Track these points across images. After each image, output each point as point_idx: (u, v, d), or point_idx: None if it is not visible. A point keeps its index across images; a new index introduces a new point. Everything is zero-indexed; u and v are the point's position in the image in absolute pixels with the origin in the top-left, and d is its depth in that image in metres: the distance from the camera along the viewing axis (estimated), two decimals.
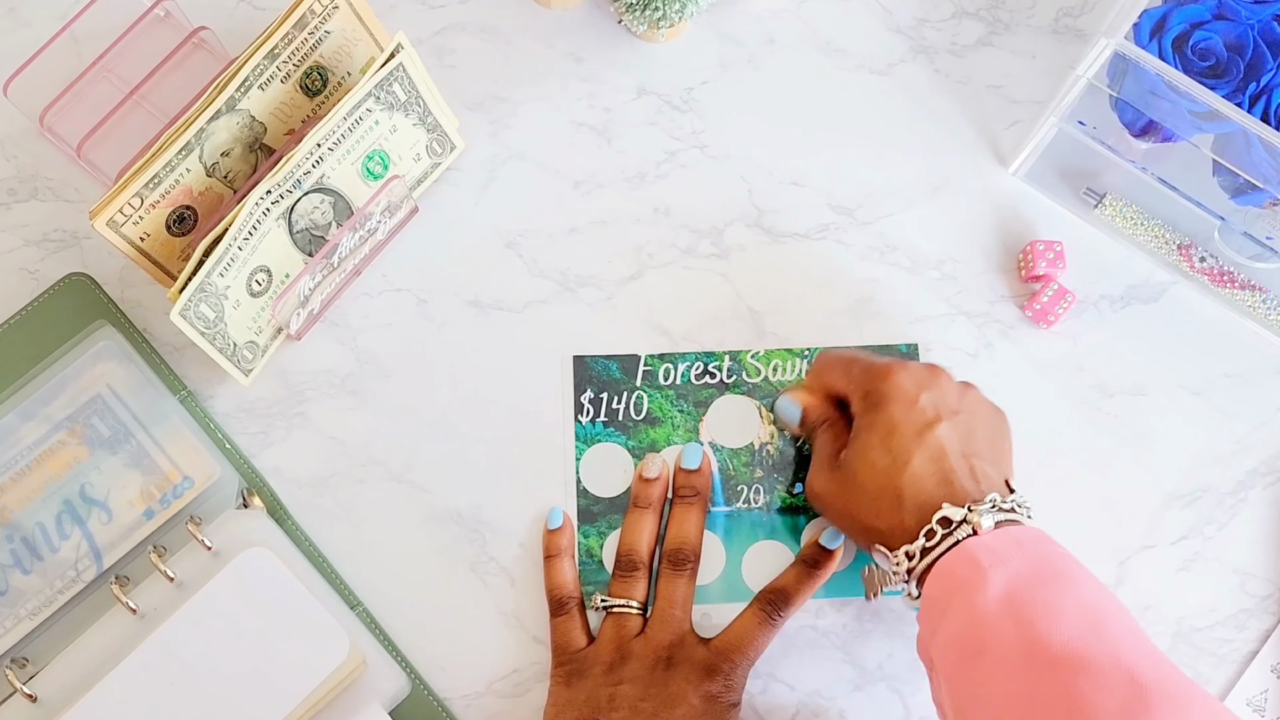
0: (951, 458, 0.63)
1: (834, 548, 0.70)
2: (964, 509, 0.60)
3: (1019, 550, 0.58)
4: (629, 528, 0.72)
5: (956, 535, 0.60)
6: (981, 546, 0.59)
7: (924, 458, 0.63)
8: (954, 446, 0.63)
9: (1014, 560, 0.58)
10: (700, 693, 0.66)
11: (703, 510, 0.72)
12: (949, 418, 0.64)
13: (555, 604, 0.70)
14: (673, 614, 0.69)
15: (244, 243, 0.68)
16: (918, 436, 0.63)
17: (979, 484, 0.62)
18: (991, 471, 0.64)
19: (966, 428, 0.65)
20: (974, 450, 0.64)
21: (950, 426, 0.64)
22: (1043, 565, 0.58)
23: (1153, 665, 0.54)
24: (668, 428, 0.74)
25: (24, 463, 0.70)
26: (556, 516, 0.72)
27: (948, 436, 0.64)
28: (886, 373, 0.66)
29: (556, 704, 0.68)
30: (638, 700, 0.65)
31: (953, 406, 0.65)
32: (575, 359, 0.75)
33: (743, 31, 0.82)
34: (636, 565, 0.70)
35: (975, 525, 0.60)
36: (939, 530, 0.60)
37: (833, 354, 0.71)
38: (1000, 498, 0.61)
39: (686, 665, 0.67)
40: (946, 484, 0.62)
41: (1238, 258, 0.76)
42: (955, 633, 0.58)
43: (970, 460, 0.63)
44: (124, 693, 0.65)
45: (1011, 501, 0.62)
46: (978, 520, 0.60)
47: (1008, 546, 0.59)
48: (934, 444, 0.63)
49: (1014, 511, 0.61)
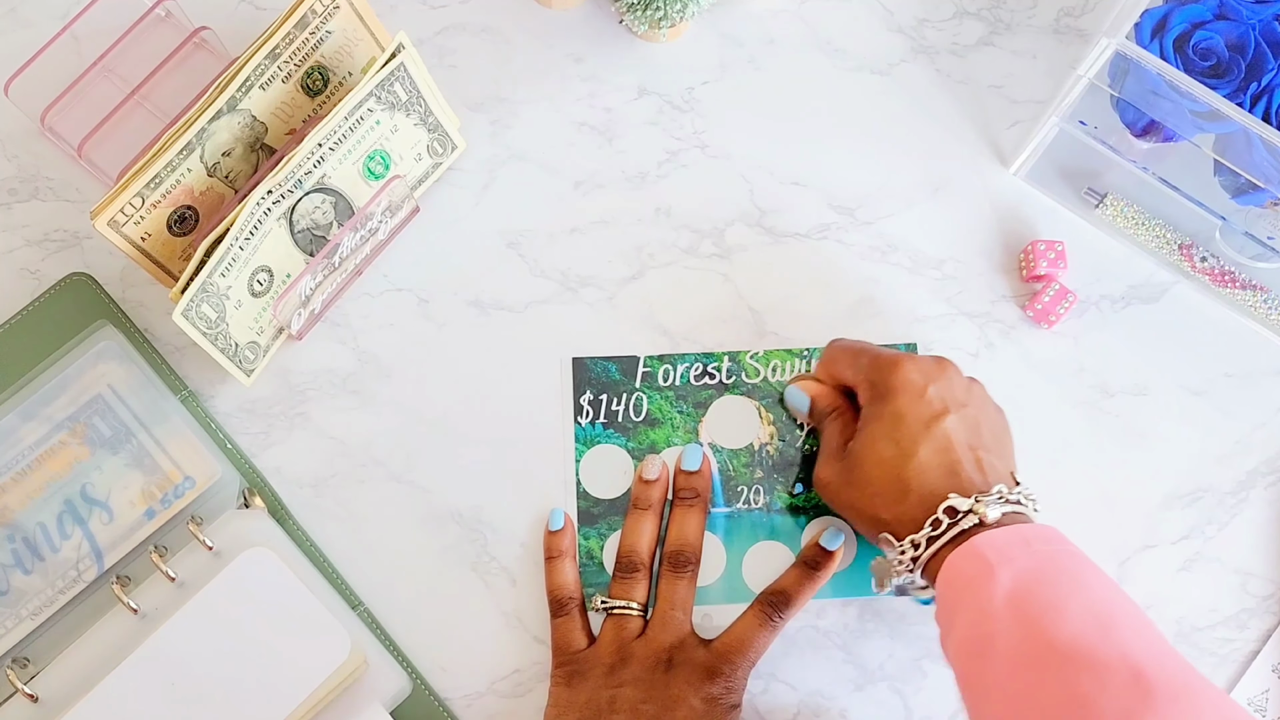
0: (958, 449, 0.63)
1: (834, 549, 0.70)
2: (970, 499, 0.61)
3: (1026, 548, 0.58)
4: (629, 529, 0.72)
5: (962, 525, 0.60)
6: (989, 544, 0.59)
7: (930, 449, 0.63)
8: (960, 438, 0.64)
9: (1021, 558, 0.58)
10: (701, 695, 0.66)
11: (703, 512, 0.72)
12: (956, 410, 0.64)
13: (556, 605, 0.70)
14: (674, 615, 0.69)
15: (245, 243, 0.68)
16: (925, 428, 0.63)
17: (985, 475, 0.63)
18: (998, 464, 0.64)
19: (973, 421, 0.65)
20: (980, 443, 0.64)
21: (957, 419, 0.64)
22: (1049, 562, 0.58)
23: (1160, 662, 0.54)
24: (667, 429, 0.74)
25: (25, 463, 0.70)
26: (558, 518, 0.72)
27: (954, 428, 0.64)
28: (895, 364, 0.66)
29: (557, 705, 0.68)
30: (639, 703, 0.65)
31: (960, 399, 0.65)
32: (574, 360, 0.75)
33: (743, 31, 0.82)
34: (637, 567, 0.70)
35: (981, 515, 0.60)
36: (945, 520, 0.61)
37: (842, 343, 0.71)
38: (1006, 489, 0.62)
39: (687, 667, 0.67)
40: (953, 475, 0.62)
41: (1239, 258, 0.76)
42: (965, 632, 0.58)
43: (977, 452, 0.64)
44: (125, 693, 0.65)
45: (1018, 493, 0.62)
46: (984, 511, 0.60)
47: (1015, 544, 0.59)
48: (941, 435, 0.63)
49: (1020, 503, 0.61)
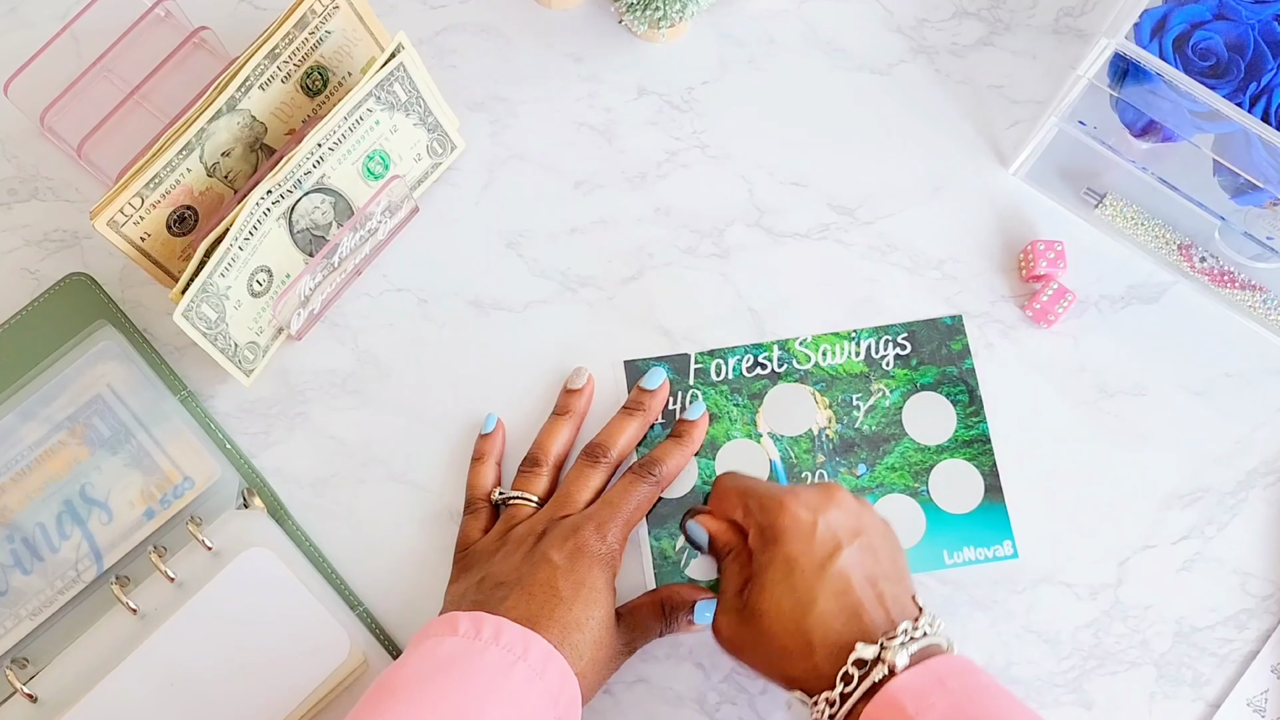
0: (857, 589, 0.60)
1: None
2: (877, 646, 0.57)
3: (943, 689, 0.56)
4: (544, 431, 0.73)
5: (873, 677, 0.57)
6: (904, 690, 0.56)
7: (828, 594, 0.60)
8: (858, 575, 0.60)
9: (940, 703, 0.55)
10: (564, 550, 0.65)
11: (642, 426, 0.73)
12: (849, 542, 0.61)
13: (467, 503, 0.72)
14: (570, 497, 0.69)
15: (245, 243, 0.68)
16: (820, 571, 0.60)
17: (888, 612, 0.59)
18: (900, 593, 0.61)
19: (869, 548, 0.62)
20: (880, 573, 0.61)
21: (852, 553, 0.61)
22: (969, 701, 0.56)
23: None
24: (725, 423, 0.74)
25: (24, 463, 0.70)
26: (490, 422, 0.73)
27: (851, 565, 0.60)
28: (780, 505, 0.62)
29: (446, 599, 0.68)
30: (506, 574, 0.65)
31: (852, 528, 0.62)
32: (626, 363, 0.75)
33: (743, 31, 0.82)
34: (540, 463, 0.71)
35: (890, 665, 0.57)
36: (855, 673, 0.57)
37: (728, 483, 0.67)
38: (911, 625, 0.58)
39: (554, 532, 0.66)
40: (855, 619, 0.59)
41: (1238, 258, 0.76)
42: None
43: (877, 586, 0.60)
44: (124, 693, 0.65)
45: (923, 625, 0.59)
46: (892, 659, 0.57)
47: (931, 687, 0.56)
48: (838, 577, 0.60)
49: (926, 636, 0.58)
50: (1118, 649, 0.71)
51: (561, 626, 0.62)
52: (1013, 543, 0.72)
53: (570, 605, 0.63)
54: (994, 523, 0.72)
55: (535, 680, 0.59)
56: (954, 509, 0.72)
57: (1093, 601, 0.71)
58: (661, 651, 0.71)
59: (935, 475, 0.73)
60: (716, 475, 0.68)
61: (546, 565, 0.64)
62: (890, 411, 0.74)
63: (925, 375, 0.75)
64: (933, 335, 0.75)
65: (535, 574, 0.64)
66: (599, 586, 0.64)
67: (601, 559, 0.65)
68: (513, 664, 0.59)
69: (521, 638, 0.60)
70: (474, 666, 0.58)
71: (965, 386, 0.74)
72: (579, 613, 0.63)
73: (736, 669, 0.70)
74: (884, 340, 0.75)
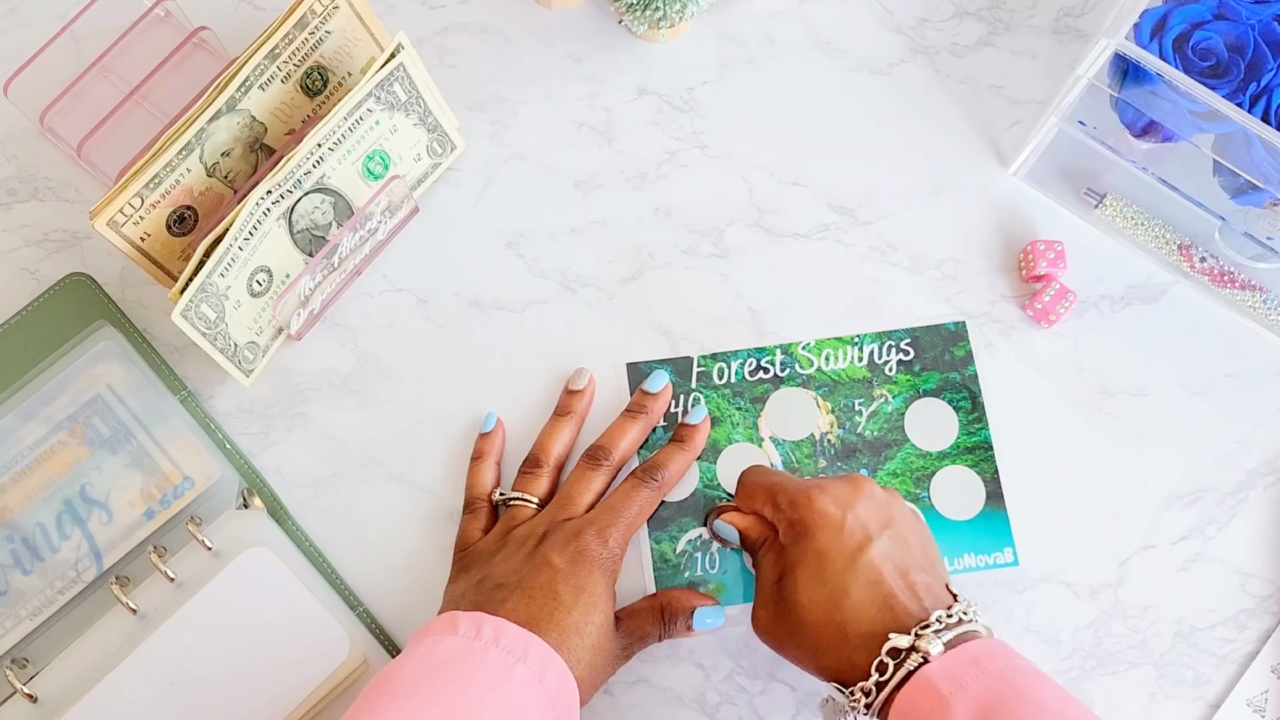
0: (889, 580, 0.60)
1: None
2: (911, 635, 0.58)
3: (978, 670, 0.56)
4: (545, 432, 0.73)
5: (908, 665, 0.57)
6: (940, 673, 0.56)
7: (860, 585, 0.60)
8: (889, 567, 0.61)
9: (974, 683, 0.56)
10: (566, 554, 0.65)
11: (644, 429, 0.73)
12: (880, 534, 0.61)
13: (467, 503, 0.72)
14: (572, 499, 0.69)
15: (244, 243, 0.68)
16: (850, 563, 0.60)
17: (921, 601, 0.60)
18: (932, 582, 0.61)
19: (900, 539, 0.62)
20: (911, 563, 0.61)
21: (883, 544, 0.61)
22: (1003, 683, 0.56)
23: None
24: (727, 426, 0.74)
25: (24, 463, 0.70)
26: (490, 421, 0.73)
27: (881, 556, 0.61)
28: (808, 498, 0.63)
29: (445, 599, 0.68)
30: (506, 576, 0.65)
31: (882, 520, 0.62)
32: (628, 366, 0.75)
33: (743, 31, 0.82)
34: (541, 464, 0.71)
35: (925, 653, 0.57)
36: (889, 662, 0.58)
37: (754, 479, 0.68)
38: (945, 613, 0.59)
39: (556, 535, 0.66)
40: (888, 610, 0.59)
41: (1238, 258, 0.76)
42: None
43: (909, 576, 0.61)
44: (124, 693, 0.65)
45: (957, 612, 0.59)
46: (926, 647, 0.57)
47: (966, 668, 0.56)
48: (869, 568, 0.60)
49: (961, 623, 0.59)
50: (1118, 649, 0.71)
51: (561, 630, 0.62)
52: (1013, 550, 0.72)
53: (570, 609, 0.63)
54: (995, 530, 0.72)
55: (534, 683, 0.59)
56: (955, 516, 0.72)
57: (1093, 602, 0.71)
58: (661, 652, 0.71)
59: (937, 482, 0.73)
60: (741, 472, 0.69)
61: (547, 568, 0.64)
62: (892, 417, 0.74)
63: (928, 381, 0.75)
64: (936, 341, 0.75)
65: (536, 576, 0.64)
66: (599, 591, 0.64)
67: (602, 563, 0.65)
68: (512, 666, 0.59)
69: (521, 640, 0.60)
70: (474, 667, 0.58)
71: (968, 393, 0.74)
72: (579, 617, 0.63)
73: (736, 669, 0.70)
74: (887, 345, 0.75)
